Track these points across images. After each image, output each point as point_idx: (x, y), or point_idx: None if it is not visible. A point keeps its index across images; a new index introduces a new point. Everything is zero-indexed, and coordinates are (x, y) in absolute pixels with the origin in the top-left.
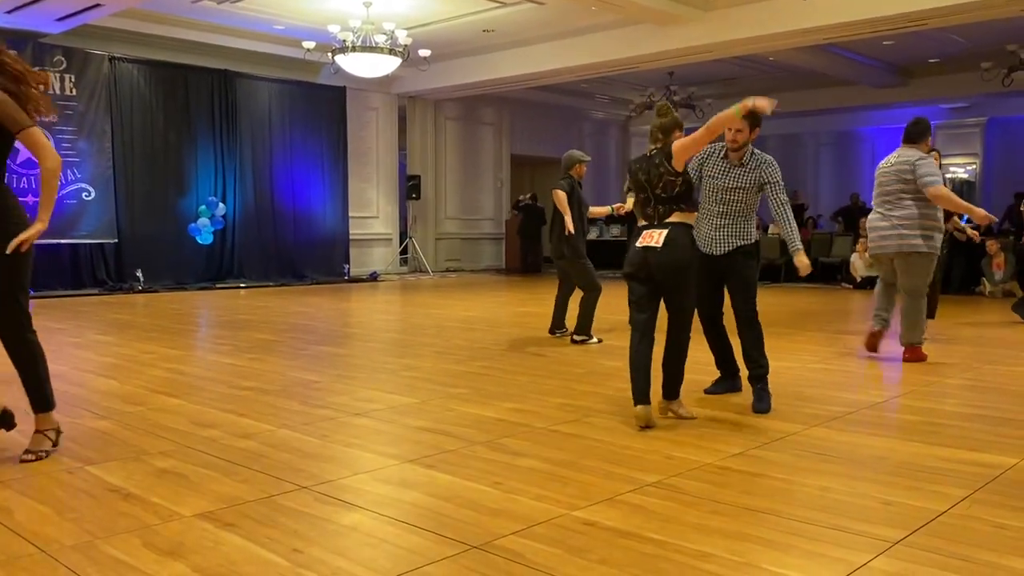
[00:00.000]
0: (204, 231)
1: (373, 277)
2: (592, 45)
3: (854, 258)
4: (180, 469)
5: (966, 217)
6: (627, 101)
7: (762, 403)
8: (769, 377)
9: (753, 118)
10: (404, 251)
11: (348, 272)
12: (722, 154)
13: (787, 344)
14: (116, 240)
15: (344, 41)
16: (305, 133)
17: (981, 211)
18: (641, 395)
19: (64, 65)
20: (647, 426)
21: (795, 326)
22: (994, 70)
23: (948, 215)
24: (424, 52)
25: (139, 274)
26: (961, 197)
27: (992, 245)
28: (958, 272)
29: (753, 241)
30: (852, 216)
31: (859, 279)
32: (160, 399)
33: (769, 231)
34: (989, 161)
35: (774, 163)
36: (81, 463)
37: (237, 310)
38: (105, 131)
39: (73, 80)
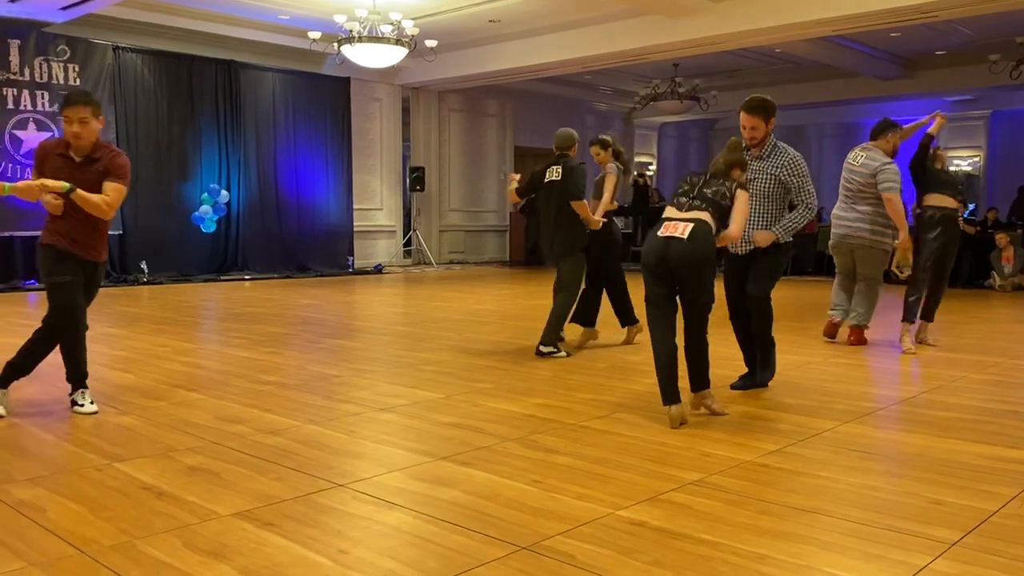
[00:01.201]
0: (207, 219)
1: (378, 269)
2: (600, 36)
3: None
4: (211, 466)
5: (968, 212)
6: (631, 93)
7: (765, 373)
8: (794, 372)
9: (764, 111)
10: (408, 243)
11: (352, 264)
12: (746, 147)
13: (805, 339)
14: (121, 231)
15: (350, 31)
16: (309, 124)
17: (905, 234)
18: (671, 395)
19: (68, 55)
20: (682, 423)
21: (809, 320)
22: (1002, 63)
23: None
24: (431, 43)
25: (144, 266)
26: (967, 190)
27: (1002, 238)
28: (967, 266)
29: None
30: None
31: None
32: (181, 394)
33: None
34: (993, 154)
35: (796, 160)
36: (109, 460)
37: (244, 302)
38: (109, 122)
39: (77, 70)
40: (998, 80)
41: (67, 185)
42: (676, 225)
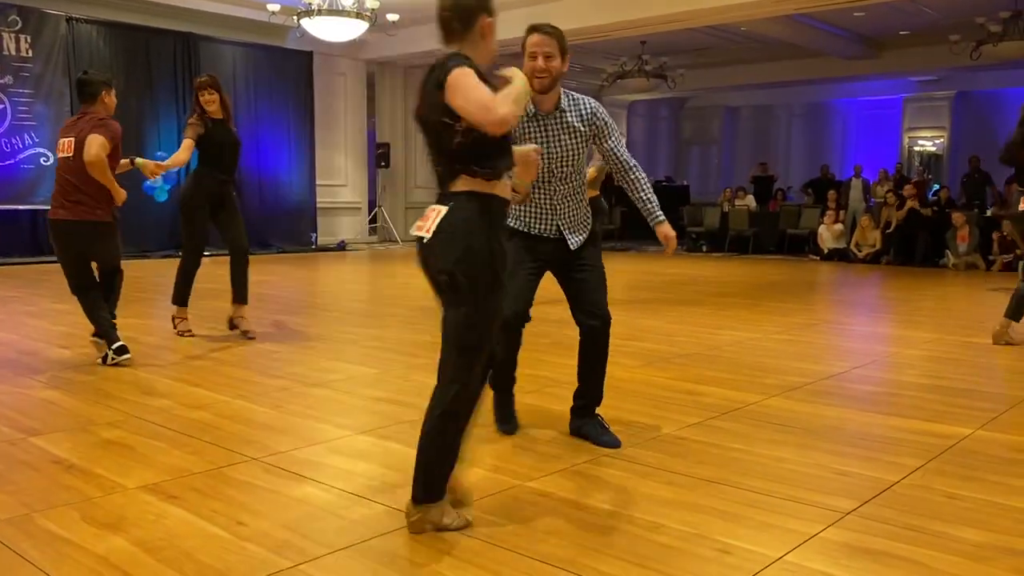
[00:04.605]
0: (158, 189)
1: (341, 246)
2: (567, 12)
3: (822, 229)
4: (127, 440)
5: (933, 191)
6: (599, 70)
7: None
8: (731, 348)
9: (561, 40)
10: (373, 220)
11: (315, 241)
12: (531, 111)
13: (750, 315)
14: None
15: (310, 4)
16: (271, 99)
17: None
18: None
19: (19, 25)
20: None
21: (758, 297)
22: (963, 43)
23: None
24: (392, 16)
25: None
26: (928, 170)
27: (958, 217)
28: (922, 245)
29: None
30: (822, 188)
31: (826, 250)
32: (112, 369)
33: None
34: (956, 134)
35: (601, 106)
36: (25, 434)
37: (199, 279)
38: (63, 94)
39: (29, 41)
40: (959, 61)
41: None
42: (427, 214)
